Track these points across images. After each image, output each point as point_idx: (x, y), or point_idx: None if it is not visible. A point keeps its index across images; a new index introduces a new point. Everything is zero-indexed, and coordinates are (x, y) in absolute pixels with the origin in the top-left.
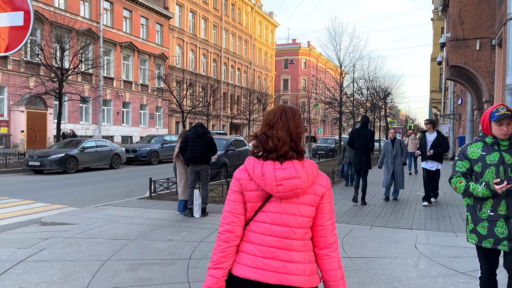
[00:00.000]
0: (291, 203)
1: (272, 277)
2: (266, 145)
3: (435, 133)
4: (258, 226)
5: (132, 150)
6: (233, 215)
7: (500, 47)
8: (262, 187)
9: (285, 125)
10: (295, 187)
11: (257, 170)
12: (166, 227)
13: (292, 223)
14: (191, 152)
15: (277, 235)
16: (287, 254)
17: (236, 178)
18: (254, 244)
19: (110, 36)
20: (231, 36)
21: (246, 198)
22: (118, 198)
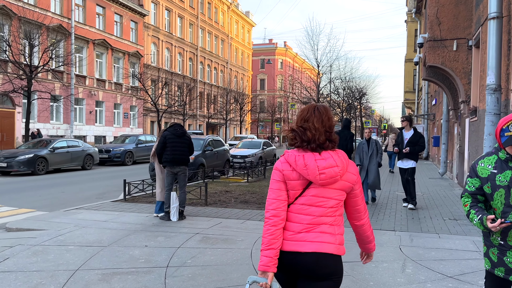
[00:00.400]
0: (327, 188)
1: (308, 246)
2: (304, 136)
3: (412, 131)
4: (298, 208)
5: (106, 150)
6: (278, 201)
7: (477, 48)
8: (304, 176)
9: (319, 119)
10: (335, 175)
11: (300, 162)
12: (142, 232)
13: (325, 204)
14: (170, 153)
15: (313, 214)
16: (321, 227)
17: (278, 169)
18: (293, 222)
19: (82, 33)
20: (207, 35)
21: (288, 186)
22: (90, 201)
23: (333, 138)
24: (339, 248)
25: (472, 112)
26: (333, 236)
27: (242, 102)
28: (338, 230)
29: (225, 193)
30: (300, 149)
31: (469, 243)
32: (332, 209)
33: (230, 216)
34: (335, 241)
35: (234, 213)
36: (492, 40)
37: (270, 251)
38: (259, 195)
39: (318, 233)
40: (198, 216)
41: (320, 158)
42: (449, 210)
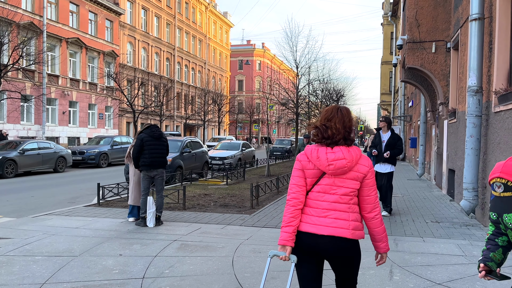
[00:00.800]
0: (339, 178)
1: (325, 230)
2: (325, 133)
3: (389, 133)
4: (315, 195)
5: (79, 152)
6: (298, 186)
7: (456, 50)
8: (317, 167)
9: (341, 120)
10: (343, 166)
11: (314, 154)
12: (116, 240)
13: (339, 192)
14: (149, 156)
15: (328, 200)
16: (336, 213)
17: (298, 160)
18: (311, 207)
19: (55, 31)
20: (185, 35)
21: (306, 174)
22: (61, 205)
23: (351, 137)
24: (353, 233)
25: (451, 114)
26: (347, 222)
27: (220, 103)
28: (352, 217)
29: (204, 197)
30: (318, 144)
31: (454, 247)
32: (345, 196)
33: (209, 221)
34: (348, 226)
35: (214, 217)
36: (474, 42)
37: (289, 227)
38: (239, 198)
39: (333, 218)
40: (176, 222)
41: (331, 152)
42: (430, 213)
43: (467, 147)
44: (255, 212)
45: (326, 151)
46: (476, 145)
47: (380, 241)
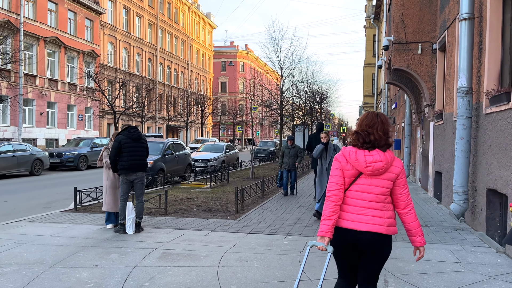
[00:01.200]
0: (376, 178)
1: (363, 226)
2: (367, 139)
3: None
4: (353, 193)
5: (57, 154)
6: (337, 184)
7: (442, 51)
8: (355, 168)
9: (382, 127)
10: (380, 168)
11: (352, 156)
12: (92, 248)
13: (375, 191)
14: (128, 159)
15: (366, 199)
16: (372, 211)
17: (337, 160)
18: (350, 205)
19: (32, 29)
20: (167, 35)
21: (344, 174)
22: (36, 211)
23: (389, 142)
24: (388, 229)
25: (438, 116)
26: (382, 219)
27: (204, 105)
28: (387, 215)
29: (187, 201)
30: (355, 146)
31: (447, 253)
32: (381, 196)
33: (192, 227)
34: (384, 223)
35: (197, 223)
36: (463, 42)
37: (329, 221)
38: (223, 202)
39: (370, 216)
40: (157, 228)
41: (369, 154)
42: (419, 216)
43: (457, 149)
44: (240, 217)
45: (364, 153)
46: (466, 147)
47: (415, 235)
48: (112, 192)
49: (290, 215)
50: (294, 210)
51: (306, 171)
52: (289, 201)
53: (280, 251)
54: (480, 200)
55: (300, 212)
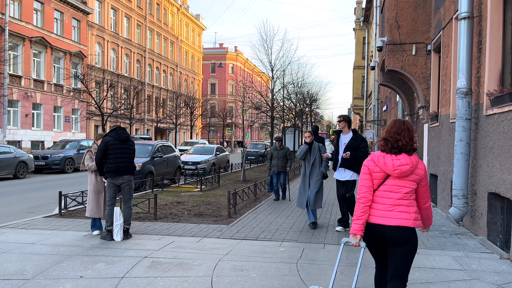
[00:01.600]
0: (402, 180)
1: (392, 221)
2: (395, 144)
3: (351, 133)
4: (381, 193)
5: (43, 157)
6: (366, 187)
7: (436, 53)
8: (384, 171)
9: (409, 134)
10: (406, 170)
11: (381, 160)
12: (77, 257)
13: (402, 191)
14: (114, 161)
15: (393, 198)
16: (400, 208)
17: (366, 165)
18: (379, 203)
19: (17, 29)
20: (156, 36)
21: (373, 177)
22: (18, 216)
23: (415, 147)
24: (414, 223)
25: (433, 118)
26: (409, 214)
27: (193, 107)
28: (413, 210)
29: (177, 205)
30: (383, 152)
31: (450, 260)
32: (407, 194)
33: (183, 233)
34: (410, 217)
35: (188, 229)
36: (463, 41)
37: (360, 220)
38: (214, 206)
39: (398, 212)
40: (147, 234)
41: (396, 159)
42: None
43: (456, 151)
44: (233, 222)
45: (391, 158)
46: (466, 150)
47: (429, 219)
48: (94, 197)
49: (285, 220)
50: (288, 214)
51: (298, 173)
52: (283, 205)
53: (276, 259)
54: (481, 204)
55: (295, 217)
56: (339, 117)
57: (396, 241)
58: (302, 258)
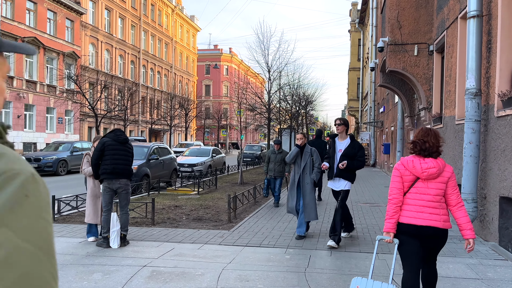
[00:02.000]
0: (431, 182)
1: (422, 221)
2: (423, 146)
3: (348, 139)
4: (412, 195)
5: (35, 158)
6: (397, 189)
7: (439, 53)
8: (413, 173)
9: (435, 137)
10: (433, 173)
11: (410, 164)
12: (72, 267)
13: (431, 193)
14: (110, 162)
15: (424, 199)
16: (430, 209)
17: (397, 169)
18: (410, 205)
19: (9, 29)
20: (151, 37)
21: (403, 180)
22: None
23: (440, 150)
24: (443, 224)
25: (436, 119)
26: (438, 216)
27: (188, 108)
28: (442, 212)
29: (175, 209)
30: (413, 155)
31: (465, 268)
32: (436, 196)
33: (183, 240)
34: (440, 219)
35: (188, 234)
36: (472, 40)
37: (392, 219)
38: (213, 210)
39: (428, 213)
40: (145, 241)
41: (424, 162)
42: None
43: (465, 154)
44: (233, 226)
45: (420, 161)
46: (476, 152)
47: (465, 228)
48: (91, 202)
49: (287, 225)
50: (290, 218)
51: None
52: (284, 209)
53: (283, 267)
54: (491, 208)
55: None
56: (339, 120)
57: (426, 240)
58: (310, 267)
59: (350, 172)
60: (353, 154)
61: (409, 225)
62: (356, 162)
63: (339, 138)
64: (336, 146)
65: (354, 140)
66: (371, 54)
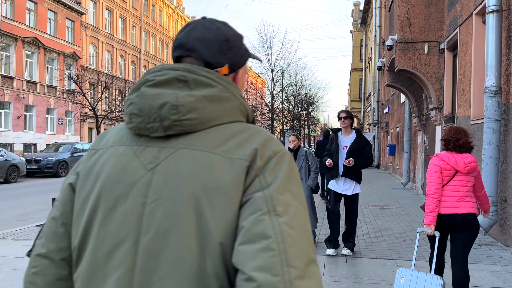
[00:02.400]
0: (467, 175)
1: (462, 209)
2: (457, 143)
3: (354, 134)
4: (451, 188)
5: (35, 160)
6: (437, 184)
7: (450, 51)
8: (455, 168)
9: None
10: (474, 167)
11: (452, 159)
12: None
13: (468, 184)
14: None
15: (462, 191)
16: (467, 199)
17: (437, 164)
18: (449, 196)
19: (9, 29)
20: (152, 38)
21: (443, 174)
22: (8, 225)
23: (472, 146)
24: (476, 210)
25: (448, 119)
26: (473, 203)
27: None
28: (473, 200)
29: None
30: (448, 152)
31: (490, 276)
32: (471, 187)
33: None
34: (474, 206)
35: None
36: (491, 36)
37: (433, 213)
38: None
39: (466, 201)
40: None
41: (464, 157)
42: None
43: (485, 155)
44: None
45: (461, 157)
46: (496, 153)
47: (486, 204)
48: None
49: None
50: None
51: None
52: None
53: None
54: None
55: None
56: (345, 112)
57: (467, 226)
58: (326, 275)
59: (357, 171)
60: (359, 150)
61: (450, 215)
62: (363, 159)
63: (342, 133)
64: (340, 142)
65: (361, 134)
66: (374, 54)
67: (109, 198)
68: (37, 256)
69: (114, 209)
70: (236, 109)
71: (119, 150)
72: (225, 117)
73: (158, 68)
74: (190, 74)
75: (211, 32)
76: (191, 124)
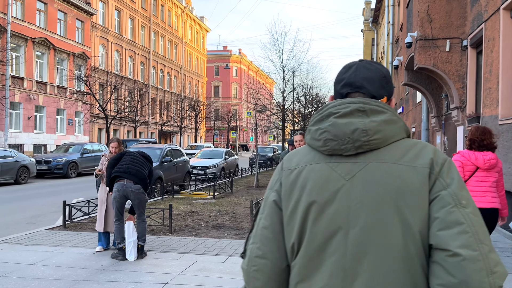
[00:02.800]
0: (489, 172)
1: (485, 204)
2: (481, 143)
3: None
4: (474, 183)
5: (45, 161)
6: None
7: (474, 48)
8: (475, 164)
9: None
10: (493, 163)
11: (472, 156)
12: (86, 284)
13: (489, 180)
14: (126, 163)
15: (485, 186)
16: (490, 194)
17: (458, 160)
18: (472, 191)
19: (20, 29)
20: (161, 38)
21: (464, 170)
22: (18, 228)
23: (495, 146)
24: (499, 205)
25: (472, 120)
26: (496, 198)
27: (198, 109)
28: (496, 195)
29: (192, 215)
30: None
31: None
32: (494, 183)
33: (205, 251)
34: (497, 201)
35: (210, 245)
36: None
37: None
38: (233, 217)
39: (489, 197)
40: (164, 252)
41: (484, 154)
42: None
43: None
44: None
45: (481, 154)
46: None
47: (504, 208)
48: (98, 208)
49: None
50: None
51: None
52: None
53: None
54: None
55: None
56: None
57: (492, 220)
58: None
59: None
60: None
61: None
62: None
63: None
64: None
65: None
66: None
67: (318, 203)
68: (256, 258)
69: (323, 211)
70: (402, 128)
71: (316, 167)
72: (398, 135)
73: (338, 103)
74: (366, 105)
75: (373, 72)
76: (376, 143)
